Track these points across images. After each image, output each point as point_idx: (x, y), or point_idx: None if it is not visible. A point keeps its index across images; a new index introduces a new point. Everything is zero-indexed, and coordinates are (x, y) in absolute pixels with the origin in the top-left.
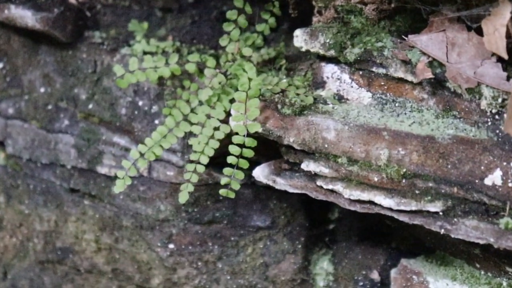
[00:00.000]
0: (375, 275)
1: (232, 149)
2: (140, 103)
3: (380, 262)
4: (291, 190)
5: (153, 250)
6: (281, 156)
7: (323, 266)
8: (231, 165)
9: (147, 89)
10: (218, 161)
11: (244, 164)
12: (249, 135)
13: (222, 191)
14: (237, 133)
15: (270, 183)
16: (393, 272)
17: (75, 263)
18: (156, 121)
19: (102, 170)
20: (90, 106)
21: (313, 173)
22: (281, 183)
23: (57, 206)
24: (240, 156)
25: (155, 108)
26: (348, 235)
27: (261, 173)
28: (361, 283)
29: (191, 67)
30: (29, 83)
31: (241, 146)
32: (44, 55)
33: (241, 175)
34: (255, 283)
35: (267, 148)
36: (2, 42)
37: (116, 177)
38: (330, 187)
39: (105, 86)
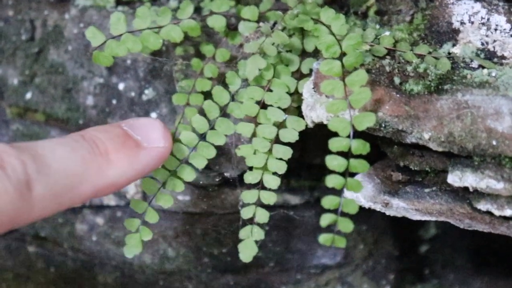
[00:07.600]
0: None
1: (332, 162)
2: (121, 86)
3: None
4: (417, 217)
5: None
6: (381, 157)
7: None
8: (332, 190)
9: (131, 62)
10: None
11: (356, 186)
12: (356, 134)
13: (324, 239)
14: (334, 133)
15: (379, 208)
16: None
17: None
18: (153, 114)
19: None
20: (28, 95)
21: (471, 189)
22: (401, 207)
23: None
24: (347, 172)
25: (148, 93)
26: (455, 261)
27: (361, 193)
28: None
29: (217, 22)
30: None
31: (346, 154)
32: None
33: (353, 207)
34: None
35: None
36: None
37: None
38: (507, 213)
39: (53, 61)
